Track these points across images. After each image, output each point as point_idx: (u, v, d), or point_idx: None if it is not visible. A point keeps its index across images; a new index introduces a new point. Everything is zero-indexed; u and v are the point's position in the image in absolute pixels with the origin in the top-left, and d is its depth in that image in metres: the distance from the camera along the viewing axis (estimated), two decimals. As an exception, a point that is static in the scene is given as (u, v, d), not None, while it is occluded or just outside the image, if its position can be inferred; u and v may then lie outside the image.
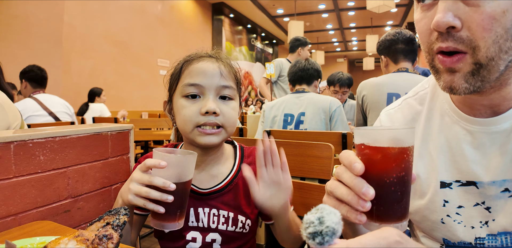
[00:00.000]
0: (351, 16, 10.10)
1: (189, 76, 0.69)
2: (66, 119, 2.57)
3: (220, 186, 0.74)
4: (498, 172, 0.53)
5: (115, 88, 5.39)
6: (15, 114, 1.15)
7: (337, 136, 1.41)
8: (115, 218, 0.48)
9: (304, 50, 3.32)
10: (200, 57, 0.72)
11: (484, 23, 0.43)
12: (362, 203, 0.41)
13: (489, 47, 0.44)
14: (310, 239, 0.32)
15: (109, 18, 5.31)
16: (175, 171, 0.60)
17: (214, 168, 0.76)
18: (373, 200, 0.41)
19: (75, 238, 0.43)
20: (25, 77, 2.53)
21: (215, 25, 8.79)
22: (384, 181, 0.41)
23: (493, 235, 0.55)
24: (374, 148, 0.42)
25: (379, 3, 5.11)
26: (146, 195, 0.58)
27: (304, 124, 1.87)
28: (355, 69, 16.78)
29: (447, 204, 0.58)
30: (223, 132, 0.69)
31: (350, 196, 0.42)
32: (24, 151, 0.71)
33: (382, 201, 0.42)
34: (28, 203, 0.72)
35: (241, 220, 0.74)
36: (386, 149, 0.41)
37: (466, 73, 0.47)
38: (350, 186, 0.42)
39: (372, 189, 0.41)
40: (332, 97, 1.96)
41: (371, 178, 0.42)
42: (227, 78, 0.70)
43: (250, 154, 0.79)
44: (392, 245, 0.34)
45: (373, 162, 0.42)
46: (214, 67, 0.69)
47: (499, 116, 0.53)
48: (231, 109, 0.70)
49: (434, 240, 0.62)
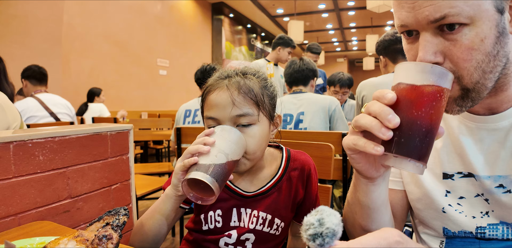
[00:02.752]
0: (351, 16, 10.09)
1: (207, 108, 0.70)
2: (66, 120, 2.55)
3: (264, 189, 0.75)
4: (495, 167, 0.55)
5: (115, 88, 5.38)
6: (15, 115, 1.15)
7: (337, 136, 1.41)
8: (115, 218, 0.48)
9: (283, 51, 3.09)
10: (217, 85, 0.69)
11: (463, 55, 0.46)
12: (384, 131, 0.41)
13: (472, 74, 0.47)
14: (310, 240, 0.32)
15: (108, 18, 5.30)
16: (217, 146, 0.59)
17: (258, 173, 0.77)
18: (395, 131, 0.41)
19: (74, 238, 0.43)
20: (24, 75, 2.51)
21: (214, 25, 8.78)
22: (412, 113, 0.41)
23: (495, 225, 0.56)
24: (408, 84, 0.42)
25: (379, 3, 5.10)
26: (194, 152, 0.59)
27: (303, 123, 1.88)
28: (355, 69, 16.78)
29: (449, 194, 0.60)
30: (245, 161, 0.68)
31: (374, 123, 0.42)
32: (24, 151, 0.71)
33: (405, 133, 0.41)
34: (28, 203, 0.72)
35: (276, 222, 0.75)
36: (422, 86, 0.41)
37: (456, 97, 0.50)
38: (376, 113, 0.43)
39: (398, 118, 0.41)
40: (331, 96, 1.97)
41: (400, 110, 0.42)
42: (241, 105, 0.66)
43: (297, 158, 0.78)
44: (393, 245, 0.34)
45: (406, 95, 0.42)
46: (225, 96, 0.66)
47: (498, 114, 0.55)
48: (250, 137, 0.67)
49: (434, 231, 0.63)
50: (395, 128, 0.41)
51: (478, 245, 0.58)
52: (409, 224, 0.84)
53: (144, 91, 6.10)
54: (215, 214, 0.75)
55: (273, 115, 0.75)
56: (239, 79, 0.69)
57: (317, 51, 3.78)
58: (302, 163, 0.78)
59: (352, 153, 0.49)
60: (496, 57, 0.46)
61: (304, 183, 0.77)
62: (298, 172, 0.77)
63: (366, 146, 0.43)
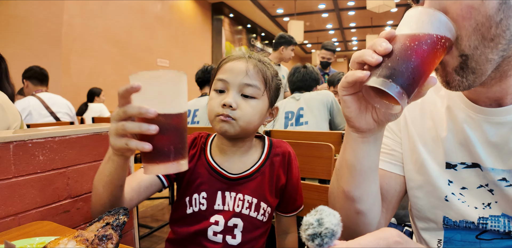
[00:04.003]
0: (351, 16, 10.09)
1: (220, 72, 0.76)
2: (66, 119, 2.56)
3: (248, 172, 0.78)
4: (499, 161, 0.55)
5: (115, 88, 5.36)
6: (15, 115, 1.15)
7: (337, 136, 1.41)
8: (115, 218, 0.48)
9: (287, 50, 3.05)
10: (237, 56, 0.77)
11: (463, 12, 0.46)
12: (374, 55, 0.43)
13: (470, 36, 0.46)
14: (309, 240, 0.32)
15: (108, 18, 5.30)
16: (157, 94, 0.48)
17: (243, 157, 0.81)
18: (385, 57, 0.43)
19: (74, 238, 0.43)
20: (25, 76, 2.55)
21: (214, 25, 8.78)
22: (405, 43, 0.43)
23: (496, 217, 0.56)
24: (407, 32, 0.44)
25: (379, 3, 5.11)
26: (122, 129, 0.49)
27: (304, 117, 1.92)
28: (355, 69, 16.78)
29: (452, 184, 0.60)
30: (234, 124, 0.72)
31: (365, 50, 0.44)
32: (24, 151, 0.71)
33: (393, 59, 0.42)
34: (28, 203, 0.72)
35: (263, 207, 0.78)
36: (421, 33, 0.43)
37: (455, 67, 0.49)
38: (370, 45, 0.44)
39: (390, 45, 0.43)
40: (324, 90, 2.07)
41: (397, 41, 0.44)
42: (253, 77, 0.73)
43: (278, 146, 0.83)
44: (392, 245, 0.34)
45: (404, 36, 0.44)
46: (242, 65, 0.74)
47: (504, 107, 0.54)
48: (249, 106, 0.73)
49: (433, 222, 0.63)
50: (386, 56, 0.43)
51: (479, 245, 0.58)
52: (409, 224, 0.84)
53: (144, 91, 6.09)
54: (200, 196, 0.77)
55: (273, 102, 0.81)
56: (257, 60, 0.77)
57: (332, 48, 3.74)
58: (283, 149, 0.83)
59: (345, 95, 0.50)
60: (498, 25, 0.45)
61: (285, 169, 0.82)
62: (280, 158, 0.81)
63: (355, 72, 0.45)
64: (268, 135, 1.64)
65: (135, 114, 0.48)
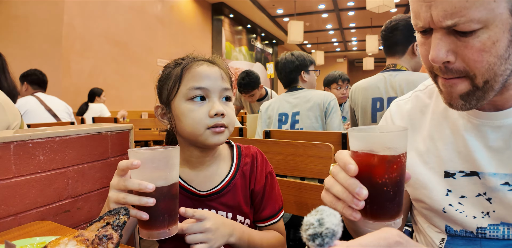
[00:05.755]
0: (351, 16, 10.09)
1: (192, 80, 0.70)
2: (65, 117, 2.63)
3: (218, 187, 0.74)
4: (501, 165, 0.55)
5: (115, 88, 5.38)
6: (15, 114, 1.15)
7: (337, 136, 1.41)
8: (115, 218, 0.48)
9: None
10: (198, 61, 0.73)
11: (474, 56, 0.47)
12: (356, 202, 0.43)
13: (483, 74, 0.48)
14: (310, 241, 0.32)
15: (108, 18, 5.30)
16: (154, 170, 0.53)
17: (212, 169, 0.76)
18: (367, 199, 0.43)
19: (75, 238, 0.43)
20: (27, 79, 2.66)
21: (215, 25, 8.78)
22: (376, 182, 0.43)
23: (495, 225, 0.56)
24: (366, 154, 0.43)
25: (379, 3, 5.10)
26: (124, 201, 0.54)
27: (299, 123, 1.86)
28: (355, 69, 16.78)
29: (450, 193, 0.60)
30: (226, 132, 0.71)
31: (345, 194, 0.44)
32: (24, 151, 0.71)
33: (376, 200, 0.43)
34: (28, 203, 0.72)
35: (239, 220, 0.75)
36: (379, 156, 0.43)
37: (462, 93, 0.51)
38: (344, 186, 0.45)
39: (365, 190, 0.42)
40: (328, 92, 1.90)
41: (365, 179, 0.43)
42: (225, 79, 0.73)
43: (247, 154, 0.80)
44: (392, 245, 0.34)
45: (366, 164, 0.43)
46: (215, 70, 0.72)
47: (503, 111, 0.55)
48: (230, 109, 0.73)
49: (437, 228, 0.63)
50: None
51: (479, 243, 0.58)
52: (409, 224, 0.84)
53: (145, 91, 6.09)
54: None
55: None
56: (219, 60, 0.76)
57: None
58: (251, 156, 0.79)
59: None
60: (507, 60, 0.47)
61: (254, 174, 0.78)
62: (249, 166, 0.78)
63: (344, 212, 0.45)
64: (268, 135, 1.63)
65: (135, 189, 0.53)
